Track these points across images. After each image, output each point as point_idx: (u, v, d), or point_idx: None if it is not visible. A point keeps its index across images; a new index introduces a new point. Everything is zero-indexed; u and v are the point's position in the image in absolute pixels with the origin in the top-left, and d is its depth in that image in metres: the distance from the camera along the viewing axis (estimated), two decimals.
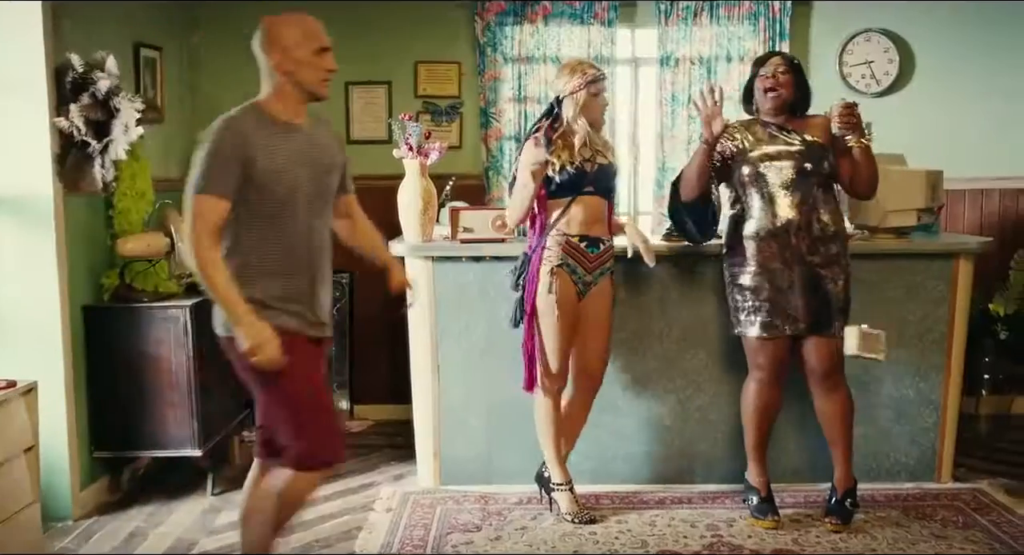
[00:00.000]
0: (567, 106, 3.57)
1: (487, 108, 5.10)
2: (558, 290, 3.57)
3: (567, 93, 3.56)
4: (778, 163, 3.56)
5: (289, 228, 2.78)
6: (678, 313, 4.04)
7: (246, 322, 2.64)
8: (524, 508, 3.89)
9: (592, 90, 3.56)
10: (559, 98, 3.60)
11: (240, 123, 2.70)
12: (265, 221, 2.73)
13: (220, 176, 2.65)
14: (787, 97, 3.60)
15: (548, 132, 3.57)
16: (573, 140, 3.57)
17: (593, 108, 3.58)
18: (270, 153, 2.70)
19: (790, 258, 3.55)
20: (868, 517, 3.77)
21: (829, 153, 3.59)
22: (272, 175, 2.70)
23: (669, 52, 5.09)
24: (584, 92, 3.54)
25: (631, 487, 4.08)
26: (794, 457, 4.10)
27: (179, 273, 4.15)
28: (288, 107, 2.80)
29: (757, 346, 3.64)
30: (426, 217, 4.02)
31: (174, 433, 3.96)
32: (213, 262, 2.64)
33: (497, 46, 5.09)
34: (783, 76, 3.59)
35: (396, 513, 3.86)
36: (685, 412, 4.09)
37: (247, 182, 2.67)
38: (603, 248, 3.66)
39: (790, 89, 3.59)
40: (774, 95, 3.59)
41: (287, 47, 2.74)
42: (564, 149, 3.56)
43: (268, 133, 2.72)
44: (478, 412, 4.09)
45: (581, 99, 3.55)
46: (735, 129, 3.68)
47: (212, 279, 2.64)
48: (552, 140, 3.56)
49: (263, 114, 2.76)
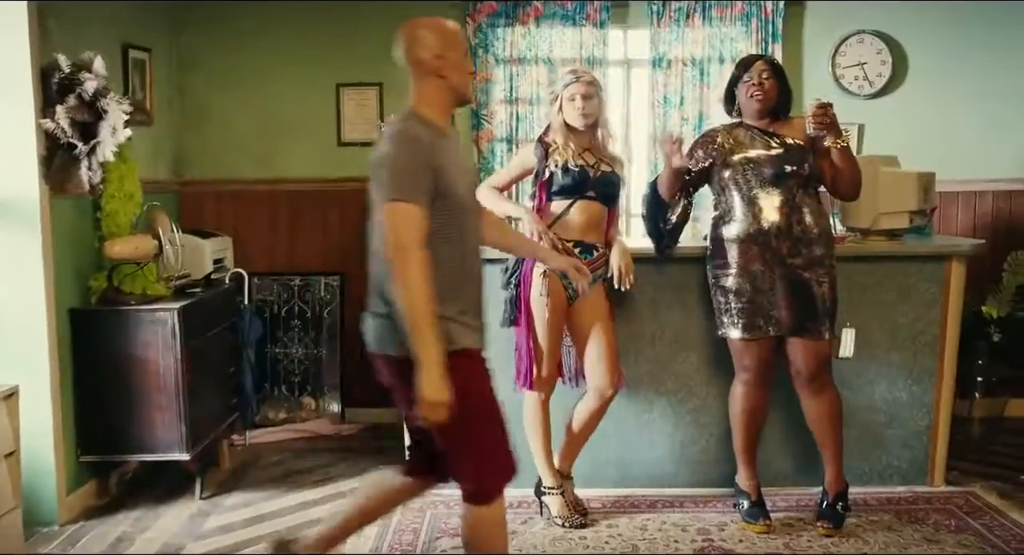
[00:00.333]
0: (551, 110, 3.68)
1: (479, 110, 5.07)
2: (549, 293, 3.56)
3: (551, 97, 3.69)
4: (759, 166, 3.56)
5: (466, 238, 2.64)
6: (670, 316, 4.01)
7: (436, 374, 2.41)
8: (514, 512, 3.86)
9: (567, 94, 3.60)
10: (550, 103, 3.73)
11: (418, 131, 2.55)
12: (446, 232, 2.55)
13: (415, 185, 2.46)
14: (770, 101, 3.60)
15: (543, 136, 3.69)
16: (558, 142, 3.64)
17: (568, 111, 3.63)
18: (447, 161, 2.56)
19: (771, 260, 3.54)
20: (860, 521, 3.75)
21: (810, 155, 3.57)
22: (451, 184, 2.55)
23: (661, 53, 5.07)
24: (560, 96, 3.63)
25: (622, 491, 4.05)
26: (785, 461, 4.08)
27: (167, 275, 4.12)
28: (441, 113, 2.66)
29: (741, 348, 3.63)
30: None
31: (162, 437, 3.92)
32: (424, 278, 2.42)
33: (489, 47, 5.07)
34: (767, 81, 3.59)
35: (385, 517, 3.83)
36: (676, 415, 4.07)
37: (434, 192, 2.51)
38: (596, 255, 3.65)
39: (773, 93, 3.59)
40: (759, 99, 3.59)
41: (441, 51, 2.60)
42: (564, 150, 3.61)
43: (439, 141, 2.58)
44: None
45: (558, 103, 3.64)
46: (717, 133, 3.71)
47: (417, 299, 2.41)
48: (547, 144, 3.65)
49: (427, 122, 2.59)
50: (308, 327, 5.24)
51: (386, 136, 2.59)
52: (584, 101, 3.60)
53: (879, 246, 4.04)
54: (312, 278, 5.24)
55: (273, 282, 5.24)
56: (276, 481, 4.32)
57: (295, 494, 4.14)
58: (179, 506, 3.98)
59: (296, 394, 5.25)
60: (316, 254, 5.25)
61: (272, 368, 5.24)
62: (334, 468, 4.52)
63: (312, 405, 5.23)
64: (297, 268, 5.26)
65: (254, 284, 5.20)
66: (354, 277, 5.19)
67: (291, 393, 5.24)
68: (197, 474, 4.07)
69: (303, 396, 5.24)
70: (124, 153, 4.02)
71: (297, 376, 5.24)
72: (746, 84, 3.60)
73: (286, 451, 4.78)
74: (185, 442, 3.93)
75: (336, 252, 5.23)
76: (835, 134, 3.50)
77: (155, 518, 3.85)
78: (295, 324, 5.24)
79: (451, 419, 2.46)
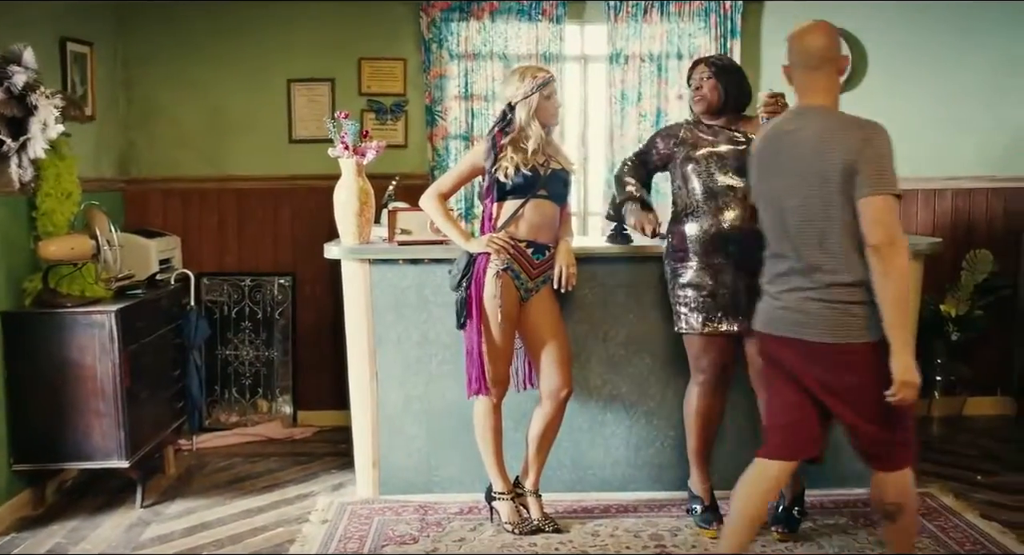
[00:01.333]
0: (520, 111, 3.51)
1: (433, 106, 4.97)
2: (502, 294, 3.47)
3: (519, 98, 3.50)
4: (724, 160, 3.51)
5: None
6: (624, 316, 3.93)
7: (912, 357, 2.63)
8: (464, 518, 3.77)
9: (544, 93, 3.50)
10: (511, 104, 3.52)
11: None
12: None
13: (896, 178, 2.64)
14: (713, 101, 3.58)
15: (498, 138, 3.53)
16: (527, 145, 3.50)
17: (546, 111, 3.53)
18: None
19: (733, 255, 3.48)
20: (816, 525, 3.69)
21: None
22: None
23: (619, 49, 4.99)
24: (536, 96, 3.49)
25: (575, 496, 3.97)
26: (742, 463, 3.99)
27: (107, 277, 3.99)
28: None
29: (698, 346, 3.56)
30: (362, 218, 3.89)
31: (100, 444, 3.79)
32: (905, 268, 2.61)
33: (443, 43, 4.96)
34: (707, 82, 3.58)
35: (331, 524, 3.73)
36: (631, 418, 3.99)
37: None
38: (548, 255, 3.56)
39: (715, 95, 3.57)
40: (698, 99, 3.60)
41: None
42: (517, 152, 3.48)
43: None
44: (418, 419, 3.97)
45: (534, 103, 3.50)
46: (680, 127, 3.67)
47: (906, 288, 2.61)
48: (500, 147, 3.50)
49: None
50: (259, 328, 5.12)
51: (859, 127, 2.67)
52: (556, 99, 3.57)
53: None
54: (263, 278, 5.12)
55: (223, 282, 5.12)
56: (222, 487, 4.20)
57: (240, 501, 4.02)
58: (118, 515, 3.85)
59: (247, 397, 5.12)
60: (267, 254, 5.13)
61: (222, 370, 5.11)
62: (283, 473, 4.41)
63: (264, 408, 5.11)
64: (248, 268, 5.13)
65: (203, 284, 5.08)
66: (306, 277, 5.09)
67: (242, 396, 5.12)
68: (138, 482, 3.94)
69: (254, 399, 5.12)
70: (61, 150, 3.89)
71: (248, 378, 5.12)
72: (691, 88, 3.63)
73: (235, 456, 4.66)
74: (124, 449, 3.80)
75: (288, 251, 5.11)
76: None
77: (92, 528, 3.72)
78: (246, 325, 5.12)
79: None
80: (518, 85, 3.49)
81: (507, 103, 3.54)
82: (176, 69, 5.03)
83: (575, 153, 5.13)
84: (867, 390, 2.67)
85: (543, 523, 3.63)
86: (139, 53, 4.99)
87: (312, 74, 5.04)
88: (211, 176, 5.08)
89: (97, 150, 4.66)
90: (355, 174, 3.88)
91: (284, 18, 5.01)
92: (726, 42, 4.98)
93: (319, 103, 5.01)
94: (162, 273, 4.57)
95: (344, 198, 3.88)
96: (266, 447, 4.81)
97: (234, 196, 5.10)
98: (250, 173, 5.08)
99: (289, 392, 5.12)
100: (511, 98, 3.51)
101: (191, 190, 5.08)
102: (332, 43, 5.04)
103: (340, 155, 3.87)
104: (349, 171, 3.89)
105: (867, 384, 2.67)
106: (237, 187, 5.09)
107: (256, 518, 3.83)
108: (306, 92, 5.05)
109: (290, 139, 5.07)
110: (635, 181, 3.70)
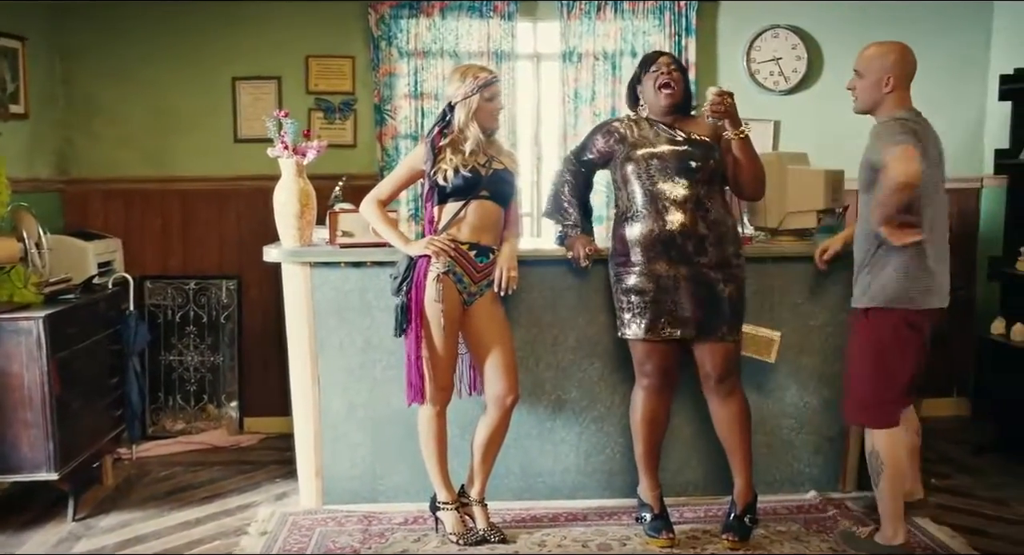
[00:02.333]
0: (459, 111, 3.39)
1: (382, 105, 4.85)
2: (443, 298, 3.36)
3: (459, 99, 3.38)
4: (664, 161, 3.42)
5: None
6: (572, 320, 3.84)
7: None
8: (409, 529, 3.66)
9: (485, 95, 3.38)
10: (451, 104, 3.40)
11: None
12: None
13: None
14: (679, 95, 3.49)
15: (436, 139, 3.41)
16: (464, 146, 3.38)
17: (486, 113, 3.41)
18: None
19: (676, 259, 3.40)
20: (768, 532, 3.62)
21: (716, 151, 3.45)
22: None
23: (572, 47, 4.90)
24: (476, 97, 3.37)
25: (524, 504, 3.87)
26: (694, 470, 3.94)
27: (37, 281, 3.84)
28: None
29: (642, 350, 3.48)
30: (303, 220, 3.77)
31: (28, 455, 3.63)
32: None
33: (392, 40, 4.85)
34: (675, 73, 3.48)
35: (271, 537, 3.60)
36: (580, 424, 3.90)
37: None
38: (492, 258, 3.45)
39: (680, 87, 3.48)
40: (668, 92, 3.47)
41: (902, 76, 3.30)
42: (455, 154, 3.37)
43: None
44: (362, 427, 3.85)
45: (473, 104, 3.38)
46: (620, 123, 3.58)
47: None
48: (439, 149, 3.38)
49: None
50: (205, 333, 4.98)
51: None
52: (498, 101, 3.45)
53: (787, 246, 3.91)
54: (209, 281, 4.98)
55: (167, 286, 4.97)
56: (160, 499, 4.06)
57: (179, 513, 3.89)
58: (48, 530, 3.70)
59: (193, 404, 4.98)
60: (212, 256, 4.99)
61: (167, 376, 4.96)
62: (226, 482, 4.28)
63: (209, 415, 4.97)
64: (193, 271, 4.99)
65: (146, 288, 4.93)
66: (253, 280, 4.95)
67: (187, 403, 4.97)
68: (71, 494, 3.80)
69: (200, 405, 4.98)
70: None
71: (194, 385, 4.98)
72: (654, 74, 3.48)
73: (177, 465, 4.52)
74: (54, 460, 3.64)
75: (234, 254, 4.97)
76: (734, 124, 3.38)
77: (19, 544, 3.57)
78: (191, 330, 4.97)
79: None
80: (459, 85, 3.38)
81: (447, 103, 3.42)
82: (117, 66, 4.88)
83: (528, 153, 5.04)
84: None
85: (489, 533, 3.53)
86: (78, 49, 4.84)
87: (258, 72, 4.90)
88: (154, 176, 4.93)
89: (31, 149, 4.50)
90: (295, 175, 3.76)
91: (230, 14, 4.87)
92: (681, 40, 4.90)
93: (265, 102, 4.87)
94: (101, 277, 4.41)
95: (284, 199, 3.76)
96: (210, 455, 4.67)
97: (178, 197, 4.96)
98: (194, 173, 4.94)
99: (236, 398, 4.99)
100: (451, 98, 3.40)
101: (133, 191, 4.93)
102: (279, 40, 4.91)
103: (280, 155, 3.76)
104: (289, 171, 3.77)
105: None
106: (181, 188, 4.95)
107: (194, 530, 3.70)
108: (252, 90, 4.91)
109: (235, 139, 4.93)
110: (572, 199, 3.64)
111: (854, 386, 3.39)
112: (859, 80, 3.36)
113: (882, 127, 3.25)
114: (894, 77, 3.27)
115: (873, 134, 3.29)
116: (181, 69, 4.89)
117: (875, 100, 3.33)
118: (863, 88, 3.34)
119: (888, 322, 3.27)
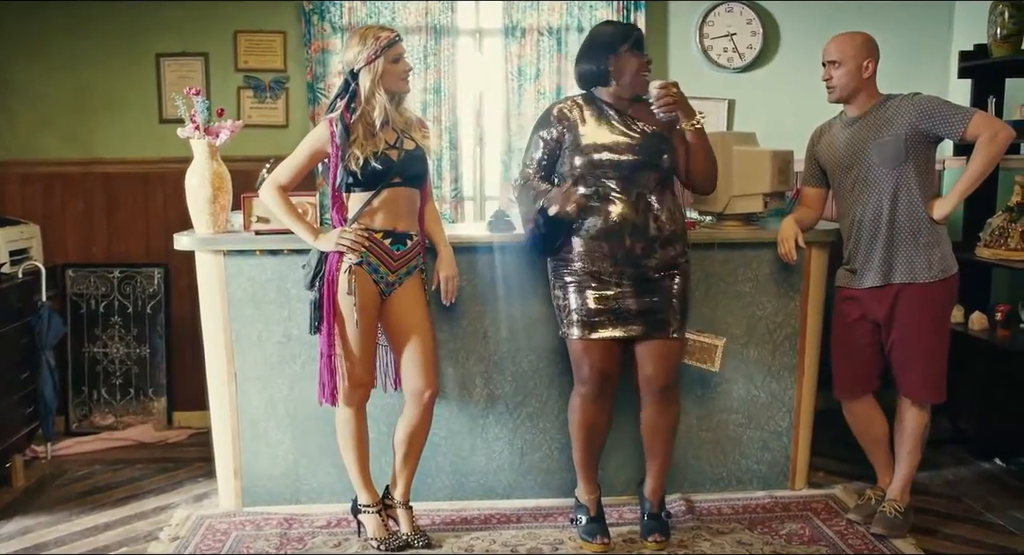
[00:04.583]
0: (363, 78, 3.11)
1: (315, 83, 4.61)
2: (357, 291, 3.13)
3: (362, 64, 3.10)
4: (613, 155, 3.17)
5: None
6: (506, 311, 3.62)
7: None
8: (330, 532, 3.45)
9: (390, 56, 3.11)
10: (353, 71, 3.13)
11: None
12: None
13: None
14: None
15: (345, 117, 3.14)
16: (373, 118, 3.12)
17: (394, 76, 3.13)
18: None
19: (622, 259, 3.17)
20: (710, 532, 3.44)
21: (668, 145, 3.23)
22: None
23: (515, 22, 4.67)
24: (381, 60, 3.09)
25: (456, 504, 3.67)
26: (637, 467, 3.74)
27: None
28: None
29: (580, 352, 3.24)
30: (217, 205, 3.53)
31: None
32: None
33: (325, 14, 4.59)
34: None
35: (182, 543, 3.39)
36: (515, 420, 3.69)
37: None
38: (410, 245, 3.22)
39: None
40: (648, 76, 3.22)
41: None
42: (367, 138, 3.11)
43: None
44: (282, 425, 3.63)
45: (379, 68, 3.09)
46: (572, 106, 3.28)
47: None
48: (350, 126, 3.11)
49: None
50: (131, 323, 4.73)
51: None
52: (405, 62, 3.17)
53: (733, 232, 3.70)
54: (134, 269, 4.73)
55: (90, 274, 4.71)
56: (73, 501, 3.83)
57: (88, 517, 3.66)
58: None
59: (118, 398, 4.74)
60: (138, 243, 4.75)
61: (91, 369, 4.72)
62: (146, 482, 4.05)
63: (137, 409, 4.73)
64: (117, 258, 4.74)
65: (68, 277, 4.68)
66: (181, 268, 4.68)
67: (113, 397, 4.73)
68: None
69: (126, 399, 4.74)
70: None
71: (119, 378, 4.73)
72: (638, 57, 3.19)
73: (98, 463, 4.29)
74: None
75: (160, 240, 4.71)
76: (687, 114, 3.17)
77: None
78: (116, 320, 4.72)
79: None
80: (359, 49, 3.08)
81: (349, 70, 3.15)
82: (34, 43, 4.61)
83: (470, 134, 4.81)
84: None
85: (413, 538, 3.33)
86: None
87: (183, 48, 4.65)
88: (75, 159, 4.67)
89: None
90: (208, 157, 3.52)
91: None
92: (629, 14, 4.67)
93: (191, 80, 4.61)
94: (16, 265, 4.17)
95: (195, 183, 3.52)
96: (134, 453, 4.44)
97: (101, 180, 4.70)
98: (118, 156, 4.69)
99: (164, 392, 4.75)
100: (352, 64, 3.11)
101: (53, 174, 4.67)
102: (205, 14, 4.64)
103: (191, 136, 3.51)
104: (202, 153, 3.52)
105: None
106: (104, 170, 4.69)
107: (100, 536, 3.48)
108: (177, 68, 4.66)
109: (160, 119, 4.67)
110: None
111: (932, 362, 3.39)
112: (835, 69, 3.37)
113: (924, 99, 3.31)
114: (872, 61, 3.35)
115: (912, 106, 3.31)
116: (102, 46, 4.63)
117: (855, 86, 3.37)
118: (842, 76, 3.36)
119: (952, 292, 3.43)
